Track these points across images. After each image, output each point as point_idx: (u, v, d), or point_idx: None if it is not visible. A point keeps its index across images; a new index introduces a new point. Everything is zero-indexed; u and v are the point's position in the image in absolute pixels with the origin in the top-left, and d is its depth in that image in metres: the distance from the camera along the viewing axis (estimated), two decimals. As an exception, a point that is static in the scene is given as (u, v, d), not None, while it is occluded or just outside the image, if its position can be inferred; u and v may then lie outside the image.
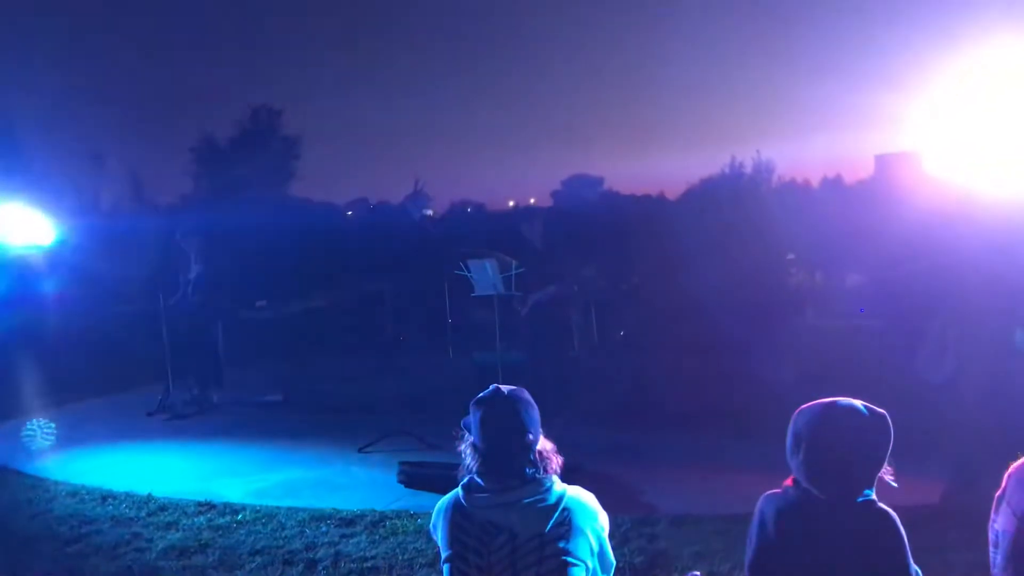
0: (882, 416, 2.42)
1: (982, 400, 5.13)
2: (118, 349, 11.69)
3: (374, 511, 6.04)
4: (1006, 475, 2.48)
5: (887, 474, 2.43)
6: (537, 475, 2.56)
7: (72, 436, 8.69)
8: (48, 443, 8.73)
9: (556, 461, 2.63)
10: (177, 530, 5.85)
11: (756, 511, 2.55)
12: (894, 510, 2.41)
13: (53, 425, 9.11)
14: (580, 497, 2.61)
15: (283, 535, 5.68)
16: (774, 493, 2.53)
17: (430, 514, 2.76)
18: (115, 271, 13.60)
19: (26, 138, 25.21)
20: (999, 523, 2.46)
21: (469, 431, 2.65)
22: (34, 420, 9.32)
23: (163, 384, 9.80)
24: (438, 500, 2.72)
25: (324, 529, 5.74)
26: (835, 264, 13.09)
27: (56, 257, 11.46)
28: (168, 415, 9.46)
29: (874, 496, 2.41)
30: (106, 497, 6.60)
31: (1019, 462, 2.47)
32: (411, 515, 5.89)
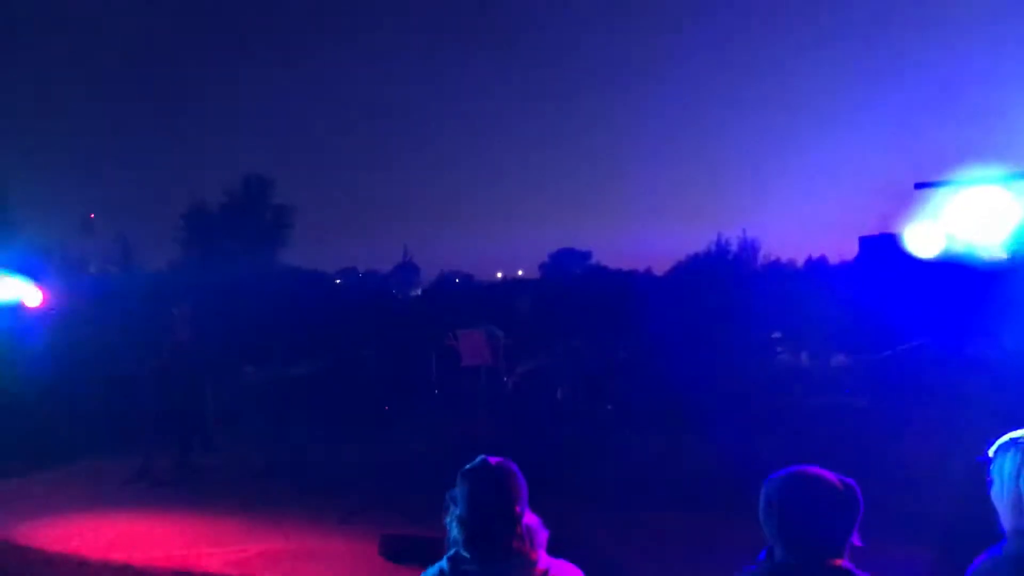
0: (850, 485, 2.47)
1: (969, 476, 5.13)
2: (101, 413, 11.57)
3: (355, 584, 5.94)
4: (969, 571, 2.46)
5: (856, 540, 2.45)
6: (523, 549, 2.54)
7: (49, 502, 8.53)
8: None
9: (543, 535, 2.61)
10: (153, 600, 5.74)
11: None
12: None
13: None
14: (566, 572, 2.59)
15: (261, 607, 5.57)
16: (749, 568, 2.54)
17: (413, 588, 2.72)
18: (100, 335, 13.53)
19: (15, 202, 25.34)
20: None
21: (455, 503, 2.64)
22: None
23: (146, 450, 9.68)
24: (421, 574, 2.69)
25: (303, 602, 5.64)
26: (821, 343, 13.17)
27: (41, 320, 11.41)
28: (149, 481, 9.32)
29: (846, 562, 2.43)
30: (82, 565, 6.47)
31: (979, 558, 2.45)
32: (392, 589, 5.80)
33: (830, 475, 2.49)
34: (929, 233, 5.30)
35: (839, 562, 2.41)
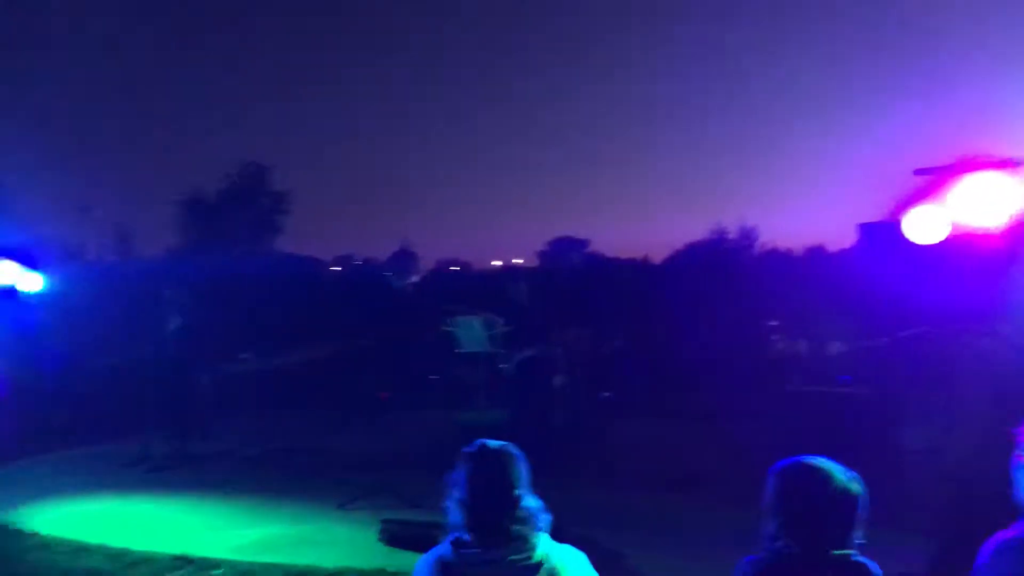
0: (854, 476, 2.50)
1: (966, 467, 5.13)
2: (99, 399, 11.55)
3: (352, 569, 5.95)
4: (984, 547, 2.47)
5: (858, 538, 2.46)
6: (524, 532, 2.52)
7: (47, 486, 8.52)
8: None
9: (543, 519, 2.59)
10: (151, 585, 5.73)
11: None
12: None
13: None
14: (567, 556, 2.58)
15: (260, 592, 5.57)
16: (753, 558, 2.54)
17: (411, 573, 2.70)
18: (98, 322, 13.51)
19: (14, 188, 25.28)
20: None
21: (455, 486, 2.62)
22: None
23: (143, 435, 9.66)
24: (421, 558, 2.67)
25: (302, 587, 5.64)
26: (818, 331, 13.16)
27: (38, 306, 11.37)
28: (147, 467, 9.31)
29: (851, 551, 2.43)
30: (79, 550, 6.47)
31: (996, 535, 2.45)
32: (391, 574, 5.80)
33: (835, 465, 2.51)
34: (929, 220, 5.27)
35: (844, 552, 2.43)
